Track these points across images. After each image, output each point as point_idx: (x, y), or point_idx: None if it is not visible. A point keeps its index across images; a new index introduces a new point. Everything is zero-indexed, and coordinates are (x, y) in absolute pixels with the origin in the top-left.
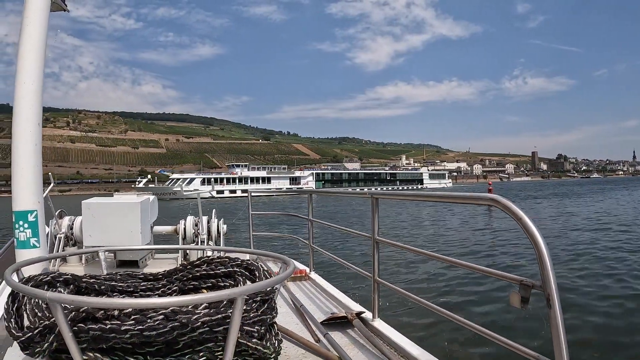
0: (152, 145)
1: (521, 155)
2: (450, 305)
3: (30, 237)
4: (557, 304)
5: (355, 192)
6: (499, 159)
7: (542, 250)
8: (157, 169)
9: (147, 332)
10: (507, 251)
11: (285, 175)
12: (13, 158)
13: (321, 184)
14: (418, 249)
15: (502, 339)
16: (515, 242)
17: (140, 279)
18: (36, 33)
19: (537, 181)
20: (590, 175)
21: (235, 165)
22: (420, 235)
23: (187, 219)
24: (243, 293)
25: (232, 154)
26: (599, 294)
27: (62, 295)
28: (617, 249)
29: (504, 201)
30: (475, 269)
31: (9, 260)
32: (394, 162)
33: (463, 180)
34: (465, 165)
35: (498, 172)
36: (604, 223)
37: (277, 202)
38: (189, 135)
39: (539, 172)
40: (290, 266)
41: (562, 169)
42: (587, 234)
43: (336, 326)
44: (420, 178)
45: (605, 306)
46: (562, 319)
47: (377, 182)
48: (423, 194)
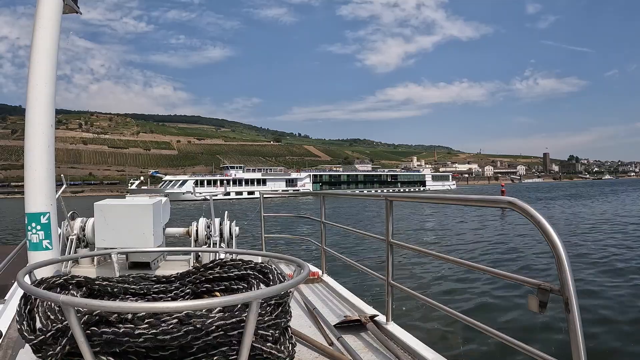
0: (164, 147)
1: (532, 157)
2: (465, 309)
3: (43, 239)
4: (576, 309)
5: (369, 194)
6: (510, 160)
7: (560, 253)
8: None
9: (161, 336)
10: (523, 254)
11: (282, 177)
12: (26, 160)
13: (319, 186)
14: (433, 252)
15: (519, 344)
16: (531, 244)
17: (153, 281)
18: (48, 35)
19: (548, 183)
20: (602, 177)
21: (230, 166)
22: (430, 238)
23: (199, 220)
24: (258, 297)
25: (243, 155)
26: (618, 299)
27: (76, 299)
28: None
29: (522, 204)
30: (492, 272)
31: (22, 262)
32: (405, 164)
33: (475, 182)
34: (477, 167)
35: (509, 173)
36: (622, 224)
37: (270, 206)
38: (201, 137)
39: (550, 173)
40: (305, 269)
41: (573, 171)
42: (604, 236)
43: (350, 329)
44: (423, 180)
45: (625, 312)
46: (581, 324)
47: (377, 184)
48: (439, 197)
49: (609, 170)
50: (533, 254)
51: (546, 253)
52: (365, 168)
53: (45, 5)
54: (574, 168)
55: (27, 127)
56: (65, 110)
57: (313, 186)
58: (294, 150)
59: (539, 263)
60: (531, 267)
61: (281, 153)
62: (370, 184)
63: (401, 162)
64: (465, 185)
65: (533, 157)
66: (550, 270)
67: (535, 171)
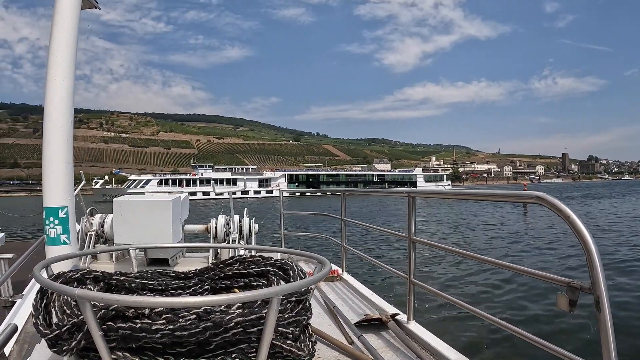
0: (183, 145)
1: (551, 157)
2: (489, 307)
3: (61, 233)
4: (607, 307)
5: (391, 190)
6: (529, 160)
7: (591, 250)
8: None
9: (178, 332)
10: (549, 251)
11: (254, 176)
12: (44, 153)
13: (295, 187)
14: (457, 249)
15: (546, 344)
16: (557, 241)
17: (171, 277)
18: (67, 29)
19: (567, 183)
20: (621, 177)
21: (199, 165)
22: (450, 235)
23: (219, 217)
24: (279, 293)
25: (262, 154)
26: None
27: (91, 293)
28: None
29: (551, 199)
30: (519, 270)
31: (40, 258)
32: (424, 164)
33: (493, 182)
34: (496, 167)
35: (528, 173)
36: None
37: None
38: (220, 136)
39: (569, 173)
40: (326, 266)
41: (592, 171)
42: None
43: (370, 328)
44: (414, 180)
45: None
46: (612, 323)
47: (361, 185)
48: (463, 192)
49: (629, 171)
50: (559, 250)
51: (573, 249)
52: (384, 167)
53: (64, 0)
54: (593, 168)
55: (46, 122)
56: (86, 110)
57: (288, 186)
58: (313, 150)
59: (564, 260)
60: (557, 264)
61: (300, 152)
62: (353, 184)
63: (420, 161)
64: (483, 185)
65: (552, 157)
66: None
67: (555, 171)
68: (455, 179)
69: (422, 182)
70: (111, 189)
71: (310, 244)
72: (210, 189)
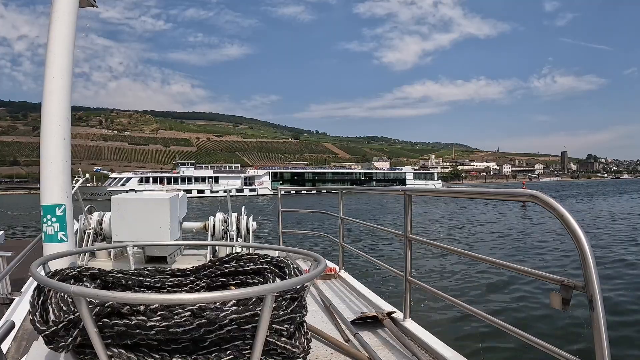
0: (183, 143)
1: (550, 155)
2: (484, 306)
3: (58, 231)
4: (601, 306)
5: (387, 188)
6: (528, 158)
7: (585, 249)
8: None
9: (173, 328)
10: (544, 250)
11: (236, 174)
12: (41, 151)
13: (279, 185)
14: (453, 248)
15: (540, 343)
16: (552, 240)
17: (168, 274)
18: (65, 27)
19: (566, 181)
20: (620, 176)
21: (181, 163)
22: (447, 234)
23: (217, 215)
24: (273, 290)
25: (262, 152)
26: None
27: (87, 290)
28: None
29: (545, 197)
30: (514, 268)
31: (38, 255)
32: (423, 162)
33: (492, 180)
34: (495, 165)
35: (527, 172)
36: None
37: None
38: (219, 134)
39: (568, 172)
40: (321, 264)
41: (591, 170)
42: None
43: (366, 326)
44: (403, 179)
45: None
46: (605, 321)
47: (348, 183)
48: (458, 191)
49: (628, 170)
50: (554, 249)
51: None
52: (383, 165)
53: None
54: (592, 167)
55: (43, 119)
56: (85, 108)
57: (272, 184)
58: (313, 148)
59: (560, 258)
60: (551, 262)
61: (299, 150)
62: (340, 182)
63: (419, 159)
64: (482, 184)
65: (551, 156)
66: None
67: (554, 170)
68: (455, 177)
69: (412, 181)
70: (91, 187)
71: (313, 243)
72: (192, 187)
